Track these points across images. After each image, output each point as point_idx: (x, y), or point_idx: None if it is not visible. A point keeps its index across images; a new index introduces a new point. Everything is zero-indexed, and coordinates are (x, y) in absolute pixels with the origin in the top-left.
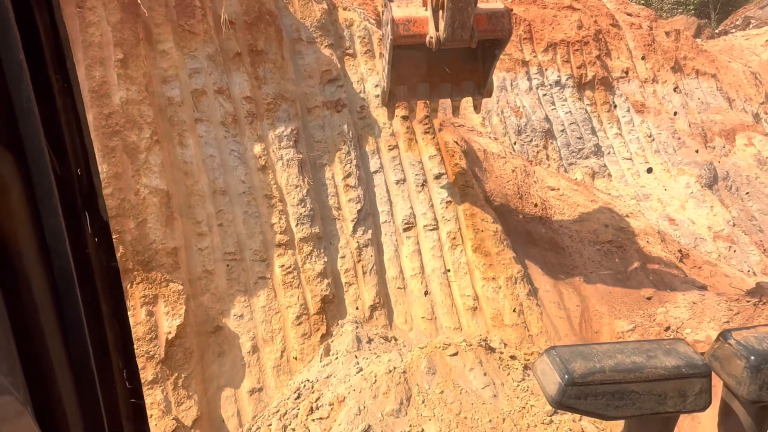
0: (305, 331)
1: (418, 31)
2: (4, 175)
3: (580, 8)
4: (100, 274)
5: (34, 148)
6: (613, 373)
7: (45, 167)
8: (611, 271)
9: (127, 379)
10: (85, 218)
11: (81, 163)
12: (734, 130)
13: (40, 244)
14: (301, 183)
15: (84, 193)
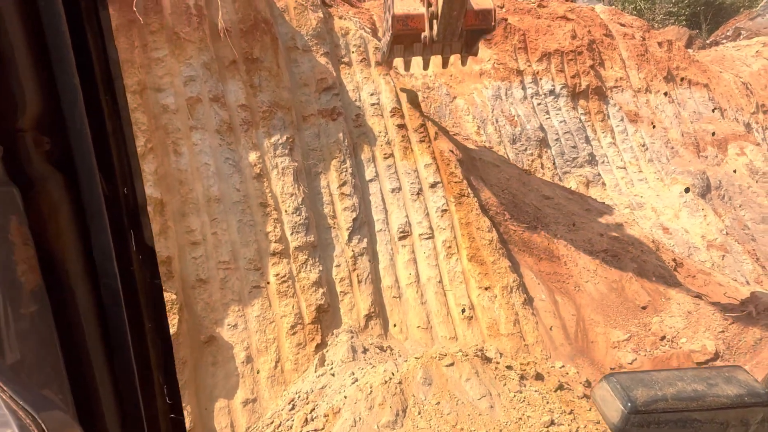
0: (300, 341)
1: (415, 26)
2: (54, 195)
3: (574, 18)
4: (144, 290)
5: (86, 170)
6: (676, 401)
7: (96, 188)
8: (606, 280)
9: (167, 395)
10: (131, 236)
11: (128, 183)
12: (726, 140)
13: (86, 262)
14: (297, 191)
15: (130, 213)
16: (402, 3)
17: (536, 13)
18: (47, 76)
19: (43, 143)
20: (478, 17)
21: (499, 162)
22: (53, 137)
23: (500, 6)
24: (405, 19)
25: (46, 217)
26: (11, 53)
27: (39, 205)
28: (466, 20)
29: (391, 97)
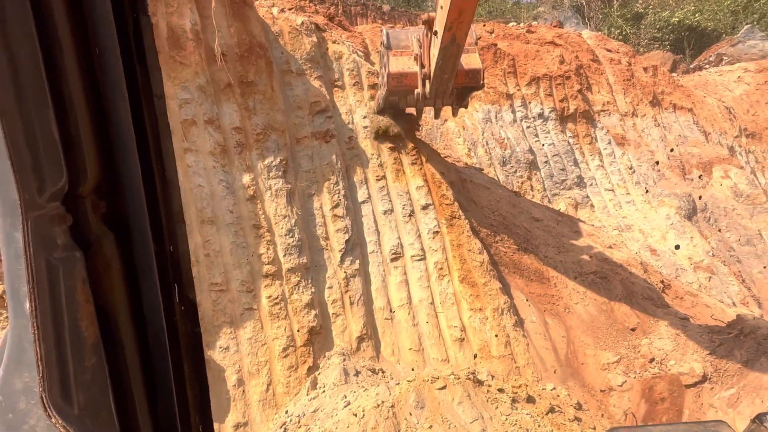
0: (292, 364)
1: (409, 83)
2: (108, 253)
3: (562, 44)
4: (185, 339)
5: (140, 231)
6: None
7: (148, 247)
8: (595, 302)
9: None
10: (175, 290)
11: (174, 242)
12: (711, 163)
13: (136, 314)
14: (290, 213)
15: (175, 268)
16: (397, 61)
17: (525, 38)
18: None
19: (101, 207)
20: (467, 76)
21: (489, 184)
22: (108, 201)
23: (490, 32)
24: (400, 77)
25: (101, 273)
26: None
27: (95, 262)
28: (457, 79)
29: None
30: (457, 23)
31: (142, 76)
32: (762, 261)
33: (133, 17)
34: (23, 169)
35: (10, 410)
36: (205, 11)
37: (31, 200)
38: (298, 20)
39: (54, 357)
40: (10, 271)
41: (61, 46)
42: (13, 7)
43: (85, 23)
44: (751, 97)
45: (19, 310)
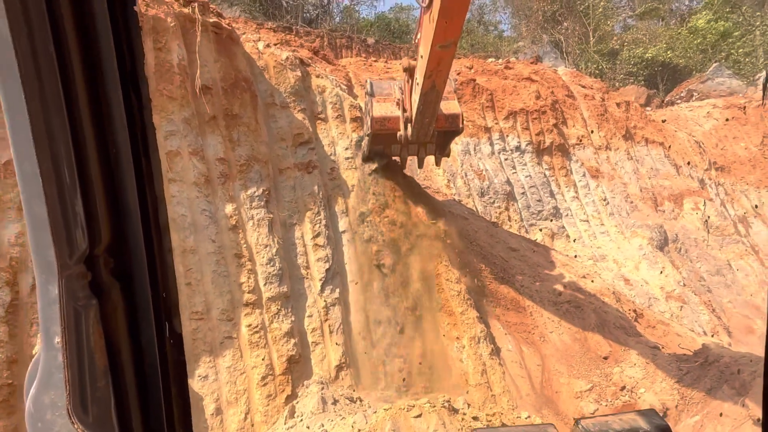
0: (270, 392)
1: (392, 127)
2: (114, 298)
3: (538, 80)
4: (173, 366)
5: (141, 281)
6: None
7: (146, 293)
8: (570, 331)
9: None
10: (166, 327)
11: (166, 288)
12: (682, 195)
13: (135, 346)
14: (271, 242)
15: (166, 310)
16: (380, 106)
17: (503, 74)
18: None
19: (110, 262)
20: (447, 120)
21: (467, 214)
22: (115, 258)
23: (469, 67)
24: (383, 120)
25: (110, 315)
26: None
27: (105, 307)
28: (437, 123)
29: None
30: (437, 71)
31: (146, 167)
32: (731, 291)
33: (141, 121)
34: (59, 241)
35: (40, 420)
36: (192, 47)
37: (64, 263)
38: (283, 55)
39: (77, 380)
40: (44, 314)
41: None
42: (56, 115)
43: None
44: (719, 132)
45: (50, 344)
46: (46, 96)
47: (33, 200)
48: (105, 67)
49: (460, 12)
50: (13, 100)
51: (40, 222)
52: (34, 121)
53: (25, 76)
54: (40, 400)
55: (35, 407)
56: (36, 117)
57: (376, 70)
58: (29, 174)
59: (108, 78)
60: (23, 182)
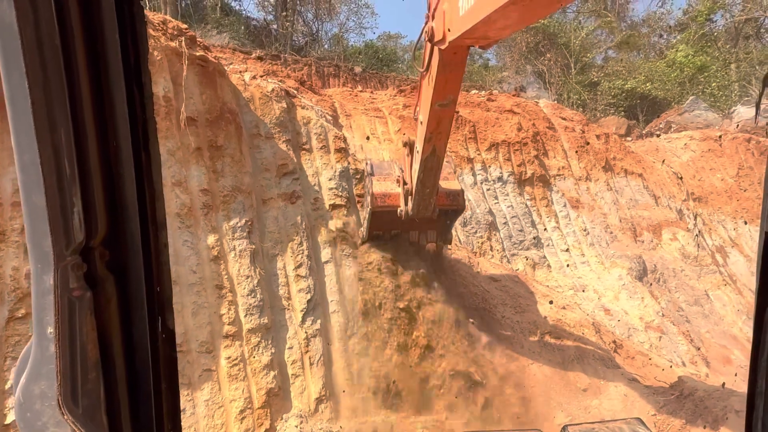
0: (248, 426)
1: (392, 203)
2: (108, 291)
3: (520, 112)
4: (164, 361)
5: (136, 274)
6: None
7: (141, 287)
8: (550, 362)
9: None
10: (159, 321)
11: (161, 283)
12: (660, 226)
13: (126, 338)
14: (253, 273)
15: (160, 304)
16: (380, 184)
17: (485, 106)
18: (114, 212)
19: (105, 255)
20: (449, 198)
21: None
22: (110, 250)
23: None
24: (383, 197)
25: (103, 307)
26: (94, 204)
27: (99, 299)
28: (438, 200)
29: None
30: (437, 133)
31: (146, 161)
32: (709, 321)
33: (143, 115)
34: (57, 231)
35: (29, 410)
36: (178, 79)
37: (60, 254)
38: (269, 87)
39: (68, 371)
40: (38, 304)
41: (88, 140)
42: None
43: (106, 121)
44: (696, 163)
45: (43, 334)
46: (50, 86)
47: (32, 190)
48: (109, 59)
49: (458, 66)
50: (17, 90)
51: (38, 212)
52: (36, 111)
53: (29, 65)
54: (30, 390)
55: (24, 397)
56: (39, 107)
57: (362, 100)
58: (29, 164)
59: (112, 71)
60: (23, 172)
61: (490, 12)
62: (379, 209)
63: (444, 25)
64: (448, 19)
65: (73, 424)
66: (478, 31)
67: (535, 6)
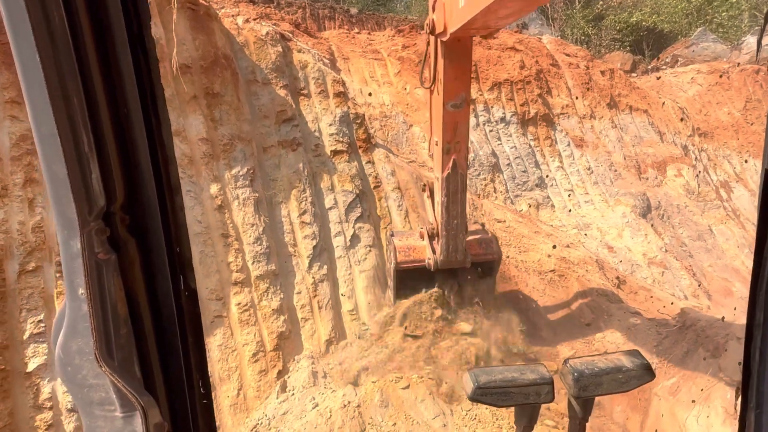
0: (262, 368)
1: (418, 257)
2: (131, 254)
3: (522, 49)
4: (188, 317)
5: (155, 236)
6: (501, 381)
7: (161, 249)
8: (554, 299)
9: (202, 388)
10: (180, 280)
11: (180, 243)
12: (665, 162)
13: (152, 298)
14: (257, 221)
15: (180, 264)
16: (402, 240)
17: (487, 44)
18: (130, 177)
19: (125, 219)
20: (481, 246)
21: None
22: (130, 215)
23: None
24: (407, 250)
25: (128, 268)
26: (111, 170)
27: (123, 261)
28: (471, 249)
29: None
30: (455, 144)
31: (156, 126)
32: (712, 255)
33: (150, 81)
34: (79, 198)
35: (69, 365)
36: (169, 24)
37: (84, 219)
38: (263, 30)
39: (102, 327)
40: (68, 268)
41: (100, 109)
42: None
43: (115, 90)
44: (703, 97)
45: (74, 295)
46: (60, 58)
47: (52, 161)
48: (113, 27)
49: (465, 57)
50: (29, 63)
51: (60, 181)
52: (50, 84)
53: (39, 39)
54: (68, 347)
55: (64, 353)
56: (52, 79)
57: (360, 42)
58: (47, 135)
59: (117, 39)
60: (42, 144)
61: (489, 2)
62: (405, 266)
63: (444, 17)
64: (448, 10)
65: (111, 375)
66: (479, 22)
67: None
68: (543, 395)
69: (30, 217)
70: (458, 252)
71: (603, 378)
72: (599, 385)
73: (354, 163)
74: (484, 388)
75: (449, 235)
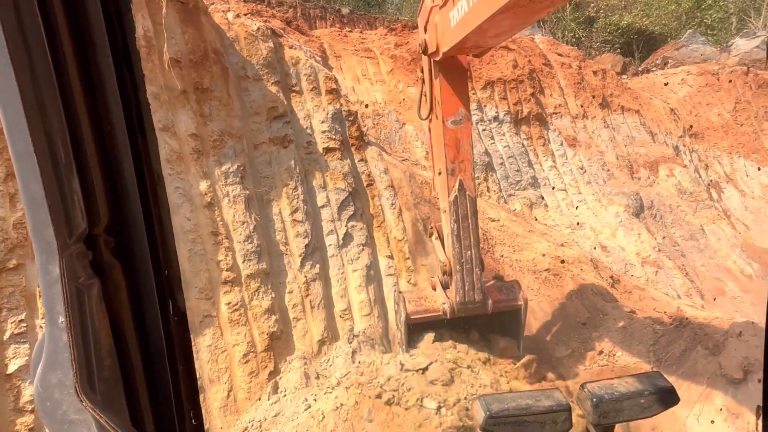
0: (253, 369)
1: (431, 306)
2: (116, 278)
3: (515, 49)
4: (178, 343)
5: (143, 260)
6: (515, 410)
7: (149, 272)
8: (549, 299)
9: (193, 418)
10: (169, 304)
11: (169, 266)
12: (657, 162)
13: (138, 325)
14: (248, 219)
15: (169, 288)
16: (412, 293)
17: None
18: (114, 197)
19: (110, 242)
20: (502, 292)
21: None
22: (115, 237)
23: None
24: (417, 301)
25: (112, 294)
26: (94, 189)
27: (108, 286)
28: (493, 296)
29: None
30: (459, 163)
31: (142, 144)
32: (704, 254)
33: (135, 97)
34: (58, 220)
35: (48, 399)
36: (158, 17)
37: (64, 243)
38: (254, 26)
39: (83, 358)
40: (47, 294)
41: (81, 125)
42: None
43: (98, 105)
44: (693, 98)
45: (54, 323)
46: (36, 70)
47: (29, 180)
48: (96, 41)
49: (460, 72)
50: (2, 76)
51: (37, 202)
52: (25, 97)
53: (12, 48)
54: (47, 380)
55: (43, 387)
56: (27, 92)
57: (352, 40)
58: (23, 153)
59: (99, 52)
60: (18, 161)
61: (480, 22)
62: (415, 319)
63: (437, 37)
64: (440, 31)
65: (93, 410)
66: (471, 41)
67: (526, 13)
68: (560, 423)
69: (11, 213)
70: (475, 290)
71: (624, 403)
72: (620, 411)
73: (346, 161)
74: (497, 417)
75: (464, 270)
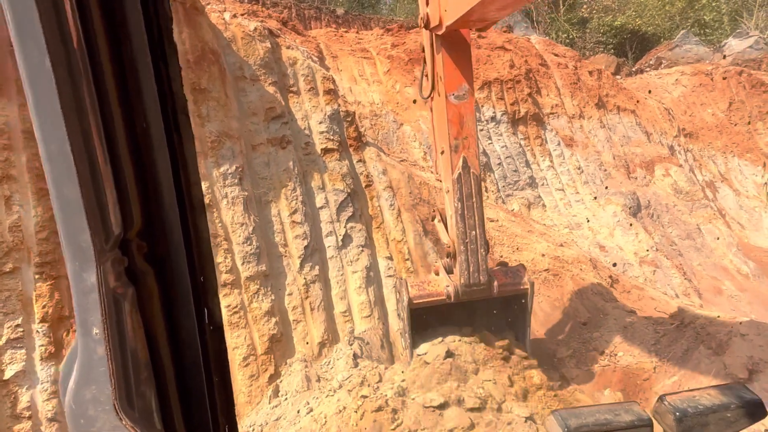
0: (253, 373)
1: (434, 290)
2: (150, 286)
3: (512, 49)
4: (214, 355)
5: (178, 266)
6: (594, 426)
7: (185, 280)
8: (549, 299)
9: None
10: (205, 314)
11: (204, 273)
12: (653, 162)
13: (173, 335)
14: (247, 221)
15: (205, 296)
16: (414, 279)
17: (476, 43)
18: (147, 201)
19: (143, 247)
20: (507, 276)
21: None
22: (148, 242)
23: None
24: (420, 285)
25: (146, 303)
26: (128, 194)
27: (141, 294)
28: (498, 279)
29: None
30: (462, 139)
31: (178, 143)
32: (701, 254)
33: (171, 93)
34: (95, 225)
35: (82, 416)
36: None
37: (101, 249)
38: (251, 26)
39: (122, 373)
40: (80, 304)
41: (115, 125)
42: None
43: (132, 99)
44: (687, 98)
45: (88, 335)
46: (72, 64)
47: (63, 183)
48: (131, 31)
49: (463, 46)
50: (37, 70)
51: (72, 206)
52: (62, 93)
53: (50, 40)
54: (81, 395)
55: (76, 403)
56: (64, 88)
57: (348, 41)
58: (57, 154)
59: (135, 44)
60: (50, 163)
61: None
62: (418, 303)
63: (439, 10)
64: (443, 3)
65: (132, 428)
66: (475, 14)
67: None
68: None
69: (7, 216)
70: (480, 272)
71: (709, 417)
72: (705, 426)
73: (345, 162)
74: None
75: (468, 250)
